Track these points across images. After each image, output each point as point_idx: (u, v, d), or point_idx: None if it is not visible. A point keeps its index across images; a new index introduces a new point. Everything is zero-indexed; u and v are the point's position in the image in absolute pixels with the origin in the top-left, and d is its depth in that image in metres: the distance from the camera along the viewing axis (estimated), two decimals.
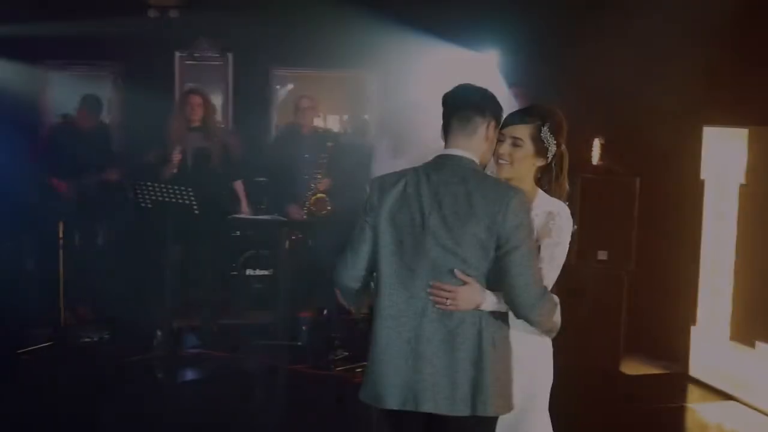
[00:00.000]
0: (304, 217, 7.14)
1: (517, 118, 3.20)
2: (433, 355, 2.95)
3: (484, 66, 8.22)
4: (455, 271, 2.92)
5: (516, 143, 3.16)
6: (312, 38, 8.67)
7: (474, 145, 3.05)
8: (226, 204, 7.16)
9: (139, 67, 8.53)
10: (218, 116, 8.64)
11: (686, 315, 6.47)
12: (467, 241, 2.93)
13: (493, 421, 3.04)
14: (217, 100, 8.83)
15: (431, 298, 2.94)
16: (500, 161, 3.19)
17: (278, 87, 9.32)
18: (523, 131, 3.17)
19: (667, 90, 6.63)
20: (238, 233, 7.79)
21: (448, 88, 3.16)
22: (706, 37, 6.16)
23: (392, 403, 2.99)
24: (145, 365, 6.53)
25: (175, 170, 6.81)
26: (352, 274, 3.17)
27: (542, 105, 3.30)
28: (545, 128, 3.17)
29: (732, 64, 6.19)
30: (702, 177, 6.29)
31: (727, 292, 6.12)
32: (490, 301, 2.92)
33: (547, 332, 3.13)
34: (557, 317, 3.05)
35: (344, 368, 6.40)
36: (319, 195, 7.15)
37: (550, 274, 3.07)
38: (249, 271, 7.75)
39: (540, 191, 3.22)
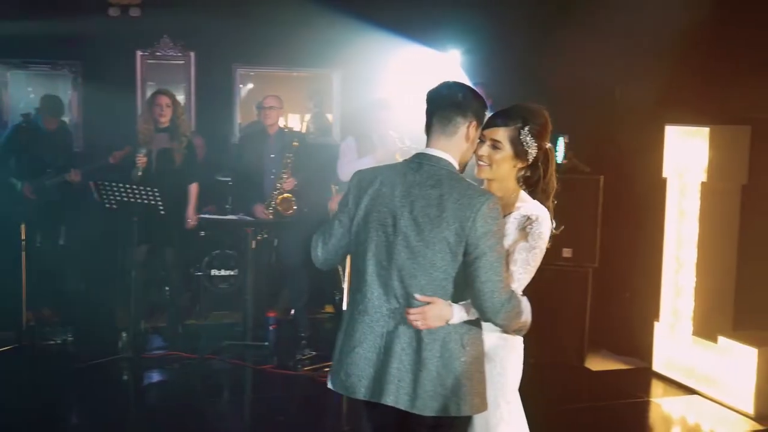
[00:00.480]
0: (270, 216, 7.11)
1: (497, 120, 3.17)
2: (402, 352, 2.98)
3: (448, 65, 8.24)
4: (416, 295, 2.95)
5: (495, 146, 3.14)
6: (275, 37, 8.61)
7: (454, 145, 3.06)
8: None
9: (99, 66, 8.41)
10: (188, 117, 8.64)
11: (649, 311, 6.57)
12: (436, 245, 2.93)
13: (465, 420, 3.07)
14: (179, 99, 8.76)
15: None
16: (479, 162, 3.18)
17: (241, 86, 9.25)
18: (502, 134, 3.14)
19: (630, 89, 6.74)
20: (203, 234, 7.73)
21: (425, 85, 3.18)
22: (668, 37, 6.25)
23: (361, 393, 3.04)
24: (111, 367, 6.46)
25: (140, 172, 6.76)
26: (324, 258, 3.27)
27: (525, 106, 3.21)
28: (525, 131, 3.13)
29: (694, 64, 6.30)
30: (664, 175, 6.38)
31: (690, 289, 6.22)
32: (458, 316, 2.96)
33: (515, 332, 3.14)
34: (526, 318, 3.05)
35: (312, 368, 6.40)
36: (284, 195, 7.12)
37: (522, 278, 3.07)
38: (214, 272, 7.69)
39: (523, 193, 3.19)
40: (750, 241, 6.15)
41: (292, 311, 7.39)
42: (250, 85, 9.68)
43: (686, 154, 6.21)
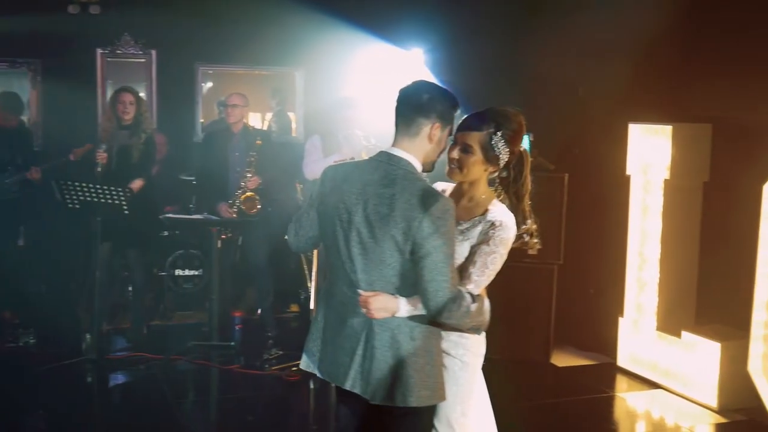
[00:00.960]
0: (235, 215, 7.07)
1: (469, 123, 3.18)
2: (360, 340, 3.09)
3: (413, 63, 8.24)
4: (359, 291, 3.06)
5: (466, 149, 3.15)
6: (238, 35, 8.56)
7: (416, 145, 3.09)
8: (153, 203, 7.09)
9: (59, 64, 8.29)
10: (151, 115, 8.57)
11: (614, 307, 6.65)
12: (385, 242, 3.00)
13: (422, 411, 3.11)
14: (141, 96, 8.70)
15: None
16: (450, 165, 3.19)
17: (204, 84, 9.19)
18: (474, 138, 3.14)
19: (594, 88, 6.80)
20: (166, 233, 7.66)
21: (390, 84, 3.21)
22: (631, 36, 6.33)
23: (328, 377, 3.23)
24: (74, 369, 6.38)
25: (99, 169, 6.69)
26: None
27: (499, 110, 3.21)
28: (497, 136, 3.13)
29: (657, 64, 6.39)
30: (628, 173, 6.45)
31: (653, 284, 6.30)
32: (404, 309, 3.02)
33: (470, 331, 3.17)
34: (482, 318, 3.09)
35: (279, 367, 6.37)
36: (248, 194, 7.09)
37: (479, 280, 3.09)
38: (178, 272, 7.63)
39: (495, 200, 3.23)
40: (711, 237, 6.25)
41: (259, 311, 7.35)
42: (210, 84, 9.63)
43: (649, 152, 6.29)
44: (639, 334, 6.44)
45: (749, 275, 5.50)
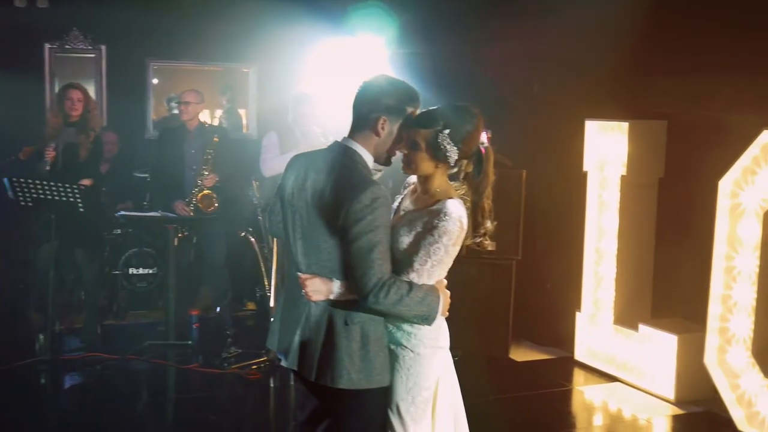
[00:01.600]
0: (191, 213, 6.99)
1: (416, 121, 3.17)
2: (302, 320, 3.21)
3: (370, 58, 8.19)
4: (299, 273, 3.19)
5: (413, 146, 3.16)
6: (190, 30, 8.44)
7: (366, 139, 3.18)
8: (100, 202, 6.99)
9: (5, 59, 8.06)
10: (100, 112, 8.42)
11: (571, 302, 6.73)
12: (320, 228, 3.11)
13: (363, 395, 3.16)
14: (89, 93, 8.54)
15: None
16: (402, 160, 3.22)
17: (155, 80, 9.06)
18: (420, 135, 3.13)
19: (552, 84, 6.87)
20: (118, 231, 7.54)
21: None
22: (588, 35, 6.41)
23: (279, 352, 3.38)
24: (28, 371, 6.24)
25: (47, 167, 6.56)
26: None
27: (451, 108, 3.20)
28: (444, 135, 3.11)
29: (612, 61, 6.46)
30: (585, 169, 6.53)
31: (610, 279, 6.39)
32: (336, 292, 3.11)
33: (418, 322, 3.18)
34: (424, 309, 3.11)
35: (239, 366, 6.32)
36: (206, 191, 7.01)
37: (421, 270, 3.10)
38: (132, 270, 7.51)
39: (451, 194, 3.21)
40: (666, 232, 6.37)
41: (218, 309, 7.27)
42: (155, 80, 9.51)
43: (606, 149, 6.37)
44: (596, 328, 6.53)
45: (705, 270, 5.61)
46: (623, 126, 6.20)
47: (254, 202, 7.21)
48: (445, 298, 3.19)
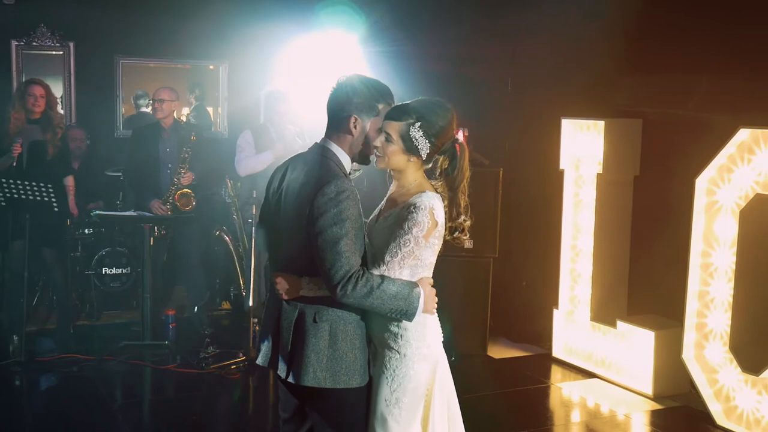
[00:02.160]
0: (169, 212, 6.93)
1: (390, 114, 3.20)
2: (272, 319, 3.27)
3: (343, 55, 8.17)
4: (271, 272, 3.26)
5: (387, 138, 3.18)
6: (160, 27, 8.37)
7: (340, 138, 3.23)
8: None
9: None
10: (60, 108, 8.27)
11: (548, 299, 6.79)
12: (291, 223, 3.16)
13: (335, 395, 3.16)
14: (57, 90, 8.41)
15: None
16: (376, 153, 3.24)
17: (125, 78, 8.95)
18: (394, 127, 3.16)
19: (527, 83, 6.92)
20: (90, 231, 7.45)
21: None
22: (565, 34, 6.46)
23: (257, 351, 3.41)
24: (3, 372, 6.17)
25: (14, 163, 6.46)
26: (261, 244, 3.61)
27: (425, 102, 3.22)
28: (415, 127, 3.14)
29: (589, 60, 6.53)
30: (561, 167, 6.58)
31: (587, 276, 6.46)
32: (306, 288, 3.15)
33: (396, 316, 3.15)
34: (400, 303, 3.09)
35: (217, 366, 6.29)
36: (183, 190, 6.95)
37: (391, 262, 3.10)
38: (105, 270, 7.42)
39: (425, 187, 3.22)
40: (641, 229, 6.45)
41: (195, 308, 7.21)
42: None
43: (582, 147, 6.43)
44: (573, 325, 6.59)
45: (680, 267, 5.69)
46: (599, 124, 6.26)
47: (227, 201, 7.18)
48: (428, 295, 3.17)
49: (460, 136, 3.32)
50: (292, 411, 3.37)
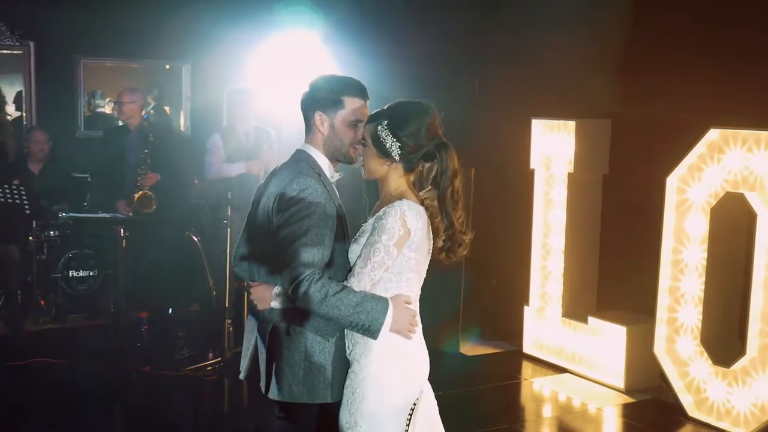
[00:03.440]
0: (131, 214, 6.87)
1: (368, 118, 3.11)
2: (251, 331, 3.22)
3: (306, 55, 8.15)
4: (250, 282, 3.17)
5: (364, 143, 3.12)
6: (122, 27, 8.27)
7: (313, 138, 3.18)
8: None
9: None
10: (10, 108, 8.16)
11: (519, 296, 6.90)
12: (262, 231, 3.11)
13: (306, 412, 3.10)
14: (11, 91, 8.30)
15: None
16: (360, 163, 3.17)
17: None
18: (367, 131, 3.09)
19: (498, 84, 7.01)
20: (56, 233, 7.35)
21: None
22: (535, 35, 6.57)
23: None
24: None
25: None
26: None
27: (398, 103, 3.10)
28: (383, 126, 3.03)
29: (560, 61, 6.64)
30: (532, 167, 6.69)
31: (558, 273, 6.58)
32: (276, 300, 3.04)
33: (358, 331, 3.00)
34: (361, 317, 2.93)
35: (194, 367, 6.26)
36: (143, 191, 6.89)
37: (362, 273, 2.97)
38: (72, 273, 7.32)
39: (406, 197, 3.06)
40: (610, 227, 6.59)
41: (170, 310, 7.16)
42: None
43: (552, 147, 6.54)
44: (544, 321, 6.71)
45: (648, 263, 5.84)
46: (569, 125, 6.38)
47: (193, 202, 7.15)
48: (399, 313, 3.00)
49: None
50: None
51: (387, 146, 3.04)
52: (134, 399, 6.00)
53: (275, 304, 3.04)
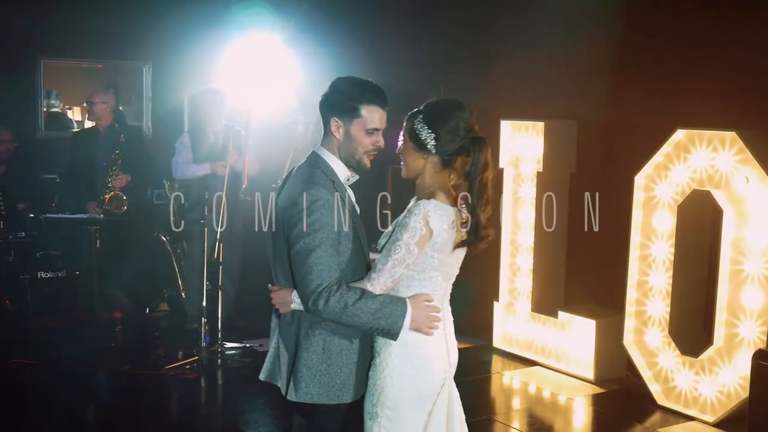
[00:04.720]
0: (101, 215, 6.87)
1: (406, 117, 3.18)
2: (274, 333, 3.27)
3: (269, 56, 8.19)
4: (269, 285, 3.19)
5: (403, 141, 3.17)
6: (83, 27, 8.26)
7: (329, 143, 3.18)
8: None
9: None
10: None
11: (489, 292, 7.07)
12: (280, 237, 3.11)
13: (326, 412, 3.14)
14: None
15: None
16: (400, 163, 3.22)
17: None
18: (405, 128, 3.16)
19: (468, 86, 7.17)
20: (23, 234, 7.28)
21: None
22: (505, 37, 6.74)
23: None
24: None
25: None
26: None
27: (434, 99, 3.18)
28: (419, 119, 3.09)
29: (528, 62, 6.83)
30: (500, 166, 6.87)
31: (527, 269, 6.77)
32: (296, 303, 3.07)
33: (378, 334, 3.08)
34: (380, 322, 2.99)
35: (173, 366, 6.28)
36: (113, 192, 6.89)
37: (382, 270, 3.01)
38: (41, 274, 7.25)
39: (438, 192, 3.10)
40: (576, 224, 6.78)
41: (147, 310, 7.16)
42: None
43: (521, 147, 6.73)
44: (514, 316, 6.89)
45: (617, 258, 6.06)
46: (538, 125, 6.57)
47: (155, 202, 7.17)
48: (421, 313, 3.03)
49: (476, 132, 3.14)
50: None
51: (422, 138, 3.08)
52: (117, 399, 5.99)
53: (295, 306, 3.07)
